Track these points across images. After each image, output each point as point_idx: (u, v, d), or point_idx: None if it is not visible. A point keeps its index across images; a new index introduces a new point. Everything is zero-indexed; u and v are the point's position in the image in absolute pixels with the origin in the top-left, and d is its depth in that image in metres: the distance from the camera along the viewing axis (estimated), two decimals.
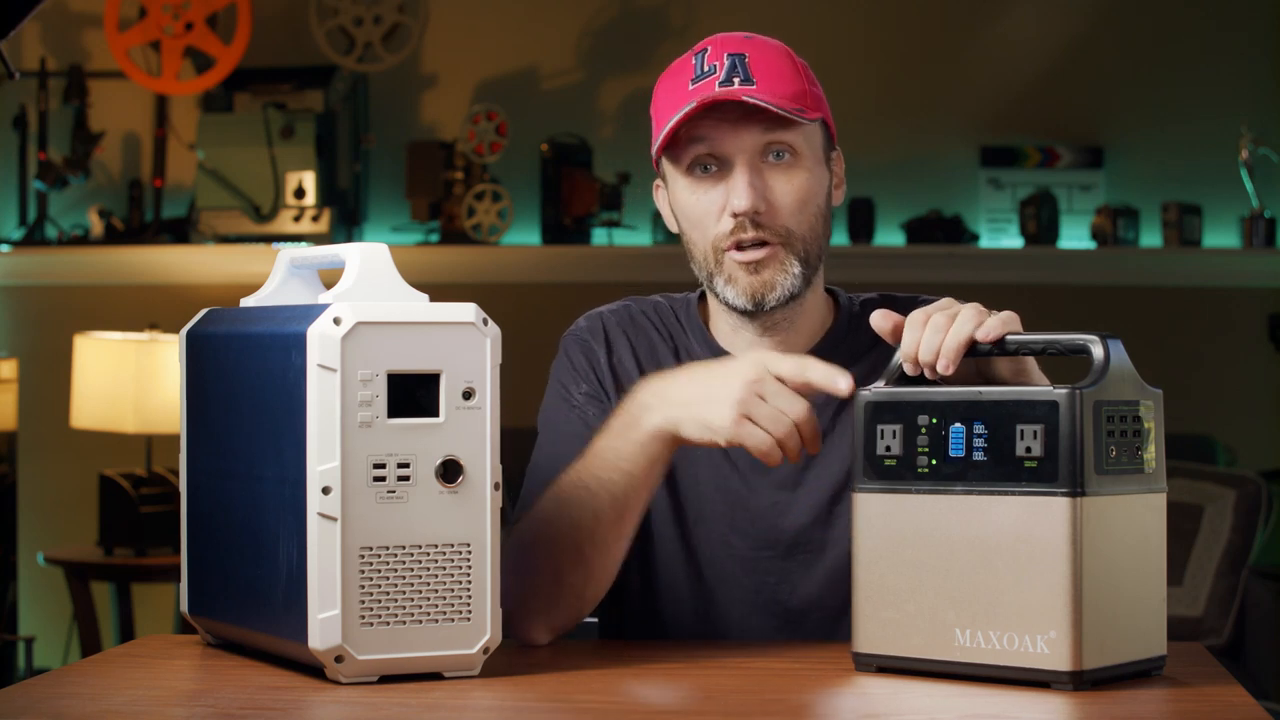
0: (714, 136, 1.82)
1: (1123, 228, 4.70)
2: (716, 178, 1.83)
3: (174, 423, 4.16)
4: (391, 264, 1.57)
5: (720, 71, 1.81)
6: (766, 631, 1.87)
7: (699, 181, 1.84)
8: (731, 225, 1.82)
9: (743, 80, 1.80)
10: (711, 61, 1.82)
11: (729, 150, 1.82)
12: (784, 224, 1.83)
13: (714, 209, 1.84)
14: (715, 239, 1.84)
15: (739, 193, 1.81)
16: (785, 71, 1.83)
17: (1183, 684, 1.54)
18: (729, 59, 1.82)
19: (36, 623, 4.88)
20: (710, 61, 1.82)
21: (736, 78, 1.80)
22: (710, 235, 1.84)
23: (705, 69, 1.82)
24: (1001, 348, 1.59)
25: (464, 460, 1.53)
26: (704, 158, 1.83)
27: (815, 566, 1.86)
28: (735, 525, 1.87)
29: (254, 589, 1.59)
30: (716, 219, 1.84)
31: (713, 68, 1.82)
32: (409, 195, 4.82)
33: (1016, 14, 4.89)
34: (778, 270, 1.83)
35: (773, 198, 1.82)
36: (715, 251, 1.85)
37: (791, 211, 1.83)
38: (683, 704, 1.52)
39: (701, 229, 1.85)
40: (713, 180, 1.83)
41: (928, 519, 1.54)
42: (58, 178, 4.79)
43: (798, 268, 1.84)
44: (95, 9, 4.92)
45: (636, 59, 4.96)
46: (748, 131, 1.81)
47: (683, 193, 1.86)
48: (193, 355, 1.72)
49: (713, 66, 1.82)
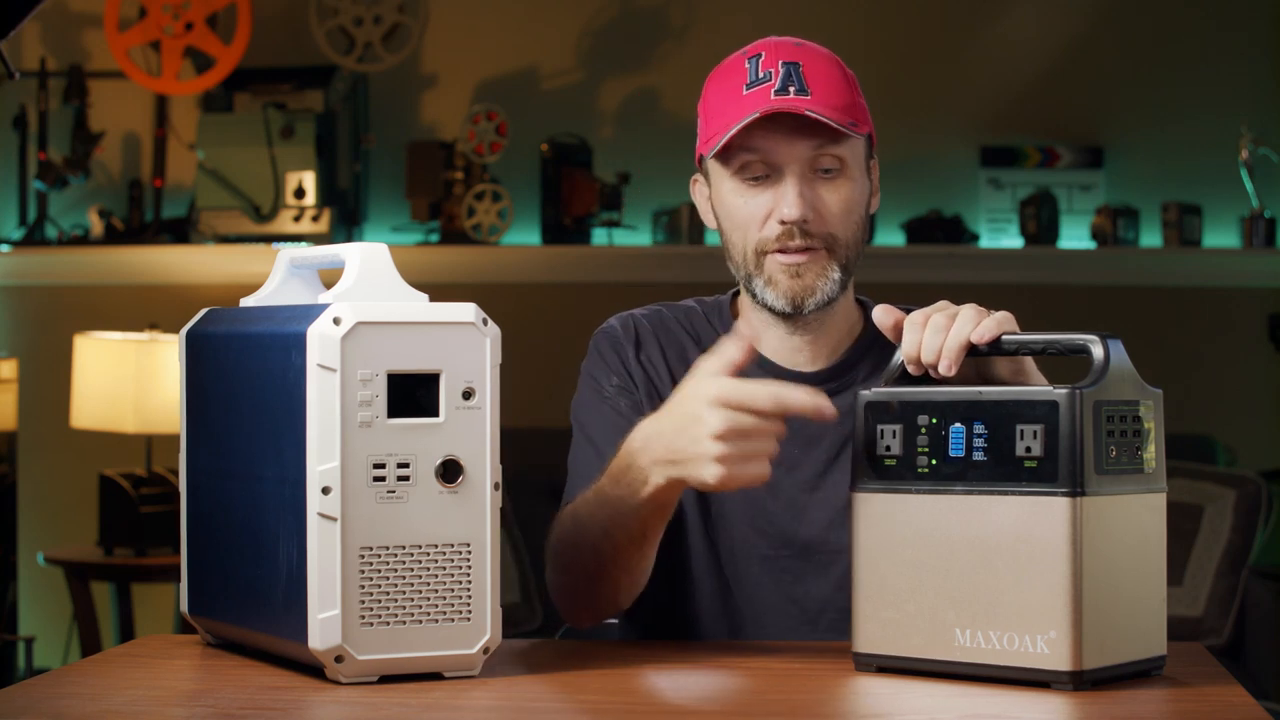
0: (768, 145, 1.84)
1: (1123, 228, 4.70)
2: (765, 184, 1.86)
3: (174, 423, 4.16)
4: (391, 264, 1.57)
5: (775, 79, 1.82)
6: (783, 629, 1.89)
7: (748, 186, 1.86)
8: (778, 231, 1.85)
9: (798, 90, 1.82)
10: (766, 68, 1.84)
11: (781, 160, 1.84)
12: (830, 231, 1.86)
13: (760, 214, 1.86)
14: (759, 242, 1.87)
15: (790, 202, 1.83)
16: (837, 82, 1.85)
17: (1183, 684, 1.54)
18: (784, 67, 1.83)
19: (36, 623, 4.88)
20: (765, 68, 1.84)
21: (792, 87, 1.82)
22: (754, 239, 1.87)
23: (760, 75, 1.84)
24: (998, 348, 1.59)
25: (464, 460, 1.53)
26: (754, 163, 1.85)
27: (832, 567, 1.88)
28: (755, 524, 1.90)
29: (254, 589, 1.59)
30: (761, 224, 1.86)
31: (768, 74, 1.83)
32: (409, 195, 4.82)
33: (1016, 14, 4.89)
34: (819, 275, 1.86)
35: (820, 207, 1.85)
36: (757, 254, 1.87)
37: (838, 220, 1.86)
38: (683, 704, 1.52)
39: (744, 231, 1.88)
40: (761, 186, 1.86)
41: (928, 519, 1.54)
42: (58, 178, 4.79)
43: (838, 274, 1.87)
44: (95, 9, 4.91)
45: (636, 59, 4.96)
46: (802, 142, 1.83)
47: (729, 195, 1.88)
48: (193, 355, 1.72)
49: (768, 73, 1.83)
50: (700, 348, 1.95)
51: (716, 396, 1.54)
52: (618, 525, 1.71)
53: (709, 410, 1.54)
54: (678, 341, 1.97)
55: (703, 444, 1.54)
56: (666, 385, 1.92)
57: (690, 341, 1.96)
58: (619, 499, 1.68)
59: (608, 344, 1.97)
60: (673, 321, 1.98)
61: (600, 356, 1.97)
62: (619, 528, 1.71)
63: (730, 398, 1.53)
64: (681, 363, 1.94)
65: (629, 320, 1.99)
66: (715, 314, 1.99)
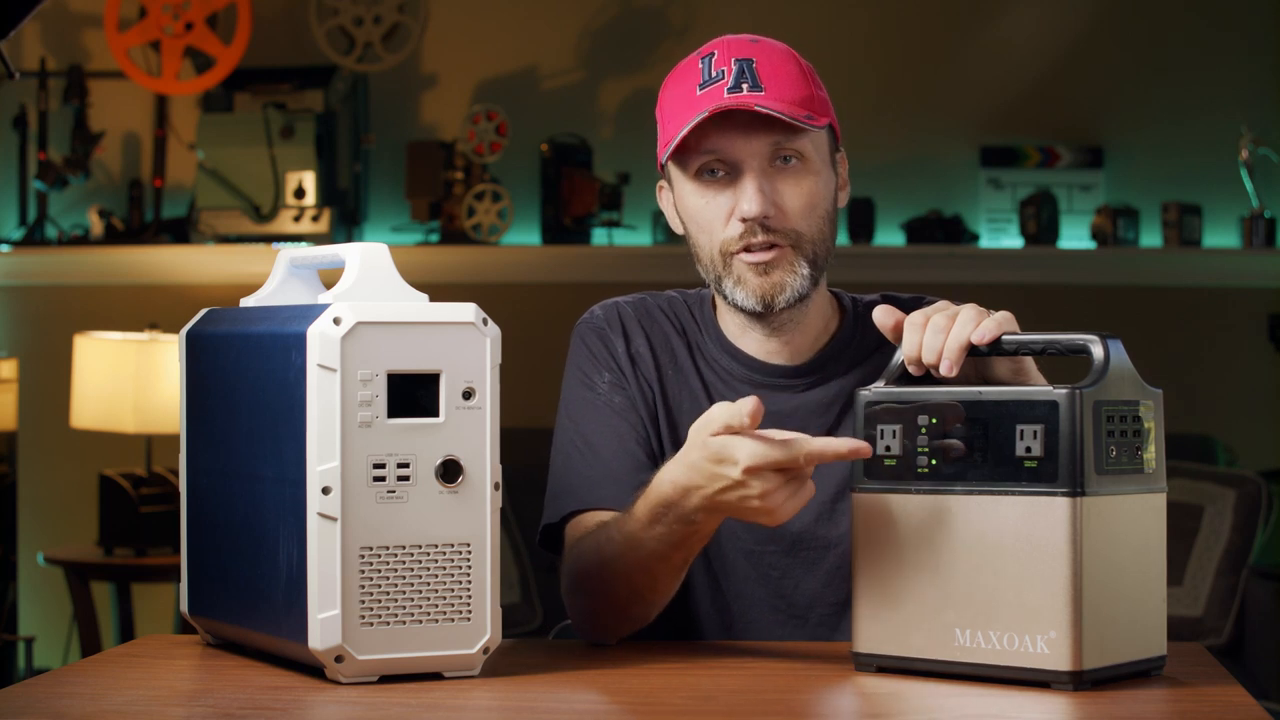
0: (723, 144, 1.82)
1: (1123, 228, 4.70)
2: (724, 183, 1.84)
3: (174, 423, 4.16)
4: (391, 264, 1.57)
5: (728, 77, 1.80)
6: (771, 625, 1.88)
7: (707, 186, 1.84)
8: (741, 230, 1.83)
9: (751, 86, 1.80)
10: (719, 66, 1.82)
11: (738, 157, 1.82)
12: (793, 227, 1.83)
13: (722, 213, 1.84)
14: (724, 243, 1.84)
15: (749, 198, 1.81)
16: (793, 76, 1.83)
17: (1183, 684, 1.54)
18: (736, 64, 1.81)
19: (36, 623, 4.88)
20: (718, 66, 1.82)
21: (745, 84, 1.80)
22: (718, 239, 1.85)
23: (713, 74, 1.82)
24: (998, 348, 1.59)
25: (464, 460, 1.53)
26: (712, 163, 1.83)
27: (819, 563, 1.88)
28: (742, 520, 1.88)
29: (254, 589, 1.59)
30: (724, 223, 1.84)
31: (720, 73, 1.81)
32: (409, 195, 4.82)
33: (1016, 14, 4.89)
34: (787, 271, 1.84)
35: (781, 202, 1.82)
36: (723, 255, 1.85)
37: (800, 215, 1.83)
38: (682, 704, 1.52)
39: (709, 233, 1.85)
40: (720, 185, 1.84)
41: (928, 519, 1.54)
42: (58, 178, 4.79)
43: (806, 269, 1.84)
44: (95, 9, 4.92)
45: (636, 59, 4.96)
46: (757, 138, 1.81)
47: (690, 197, 1.86)
48: (193, 355, 1.72)
49: (720, 72, 1.81)
50: (683, 338, 1.94)
51: (750, 464, 1.52)
52: (657, 559, 1.69)
53: (746, 476, 1.53)
54: (662, 330, 1.95)
55: (751, 503, 1.55)
56: (655, 376, 1.92)
57: (674, 331, 1.95)
58: (658, 538, 1.66)
59: (595, 337, 1.94)
60: (656, 310, 1.96)
61: (588, 350, 1.94)
62: (658, 560, 1.69)
63: (764, 463, 1.52)
64: (666, 351, 1.93)
65: (613, 310, 1.96)
66: (698, 308, 1.97)
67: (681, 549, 1.68)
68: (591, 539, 1.78)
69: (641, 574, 1.72)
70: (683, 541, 1.66)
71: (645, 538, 1.67)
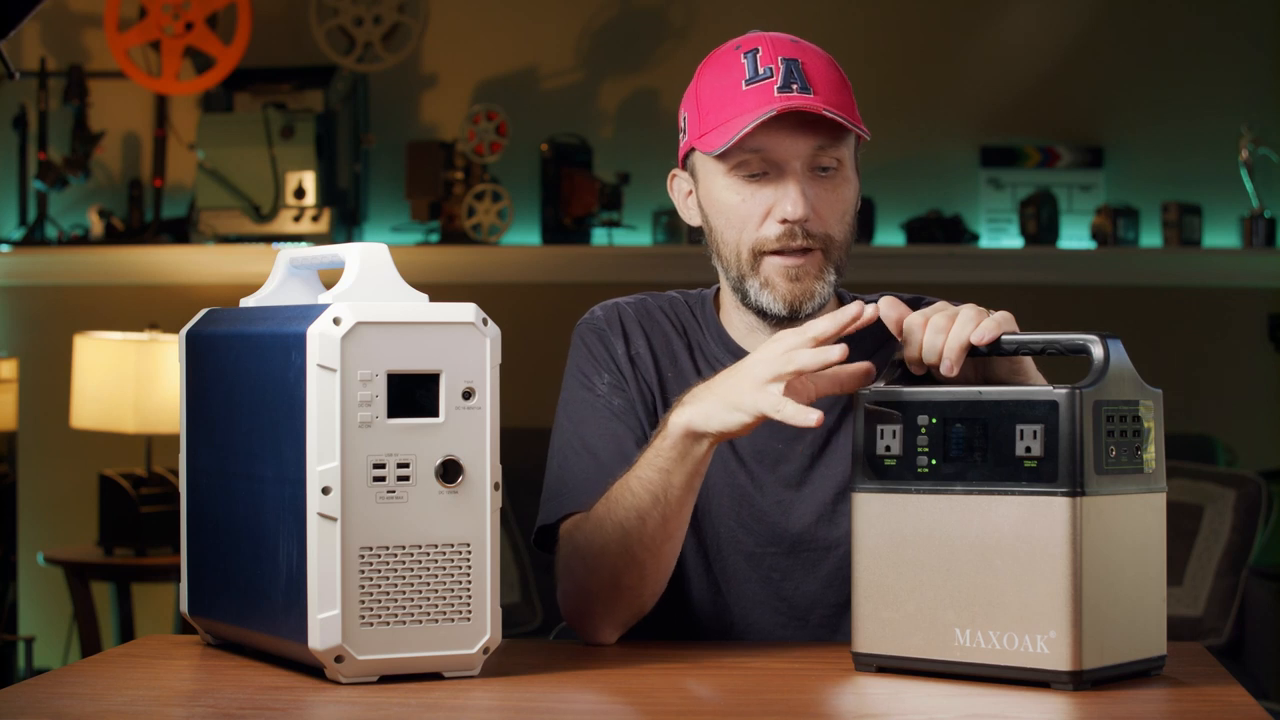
0: (770, 143, 1.80)
1: (1123, 228, 4.70)
2: (764, 181, 1.83)
3: (174, 423, 4.16)
4: (391, 264, 1.57)
5: (777, 75, 1.80)
6: (771, 626, 1.88)
7: (745, 183, 1.83)
8: (779, 231, 1.82)
9: (800, 88, 1.79)
10: (766, 64, 1.81)
11: (783, 157, 1.81)
12: (828, 232, 1.84)
13: (759, 212, 1.83)
14: (757, 242, 1.84)
15: (793, 201, 1.80)
16: (836, 81, 1.83)
17: (1183, 684, 1.54)
18: (784, 64, 1.81)
19: (36, 623, 4.87)
20: (764, 64, 1.81)
21: (794, 84, 1.79)
22: (750, 237, 1.84)
23: (760, 71, 1.81)
24: (998, 348, 1.59)
25: (464, 460, 1.53)
26: (753, 160, 1.82)
27: (820, 564, 1.87)
28: (741, 521, 1.88)
29: (254, 589, 1.59)
30: (760, 222, 1.83)
31: (768, 70, 1.80)
32: (409, 195, 4.82)
33: (1016, 14, 4.89)
34: (816, 279, 1.84)
35: (819, 206, 1.83)
36: (754, 254, 1.84)
37: (834, 221, 1.84)
38: (683, 704, 1.52)
39: (739, 230, 1.85)
40: (759, 183, 1.83)
41: (928, 519, 1.54)
42: (58, 178, 4.79)
43: (832, 276, 1.86)
44: (95, 9, 4.92)
45: (636, 59, 4.96)
46: (803, 140, 1.80)
47: (724, 192, 1.85)
48: (193, 355, 1.72)
49: (768, 69, 1.80)
50: (684, 338, 1.94)
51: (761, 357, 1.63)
52: (644, 487, 1.71)
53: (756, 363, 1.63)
54: (662, 331, 1.94)
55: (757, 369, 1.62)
56: (655, 377, 1.91)
57: (674, 331, 1.94)
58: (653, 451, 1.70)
59: (595, 338, 1.94)
60: (657, 310, 1.96)
61: (588, 351, 1.94)
62: (645, 489, 1.71)
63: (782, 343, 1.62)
64: (666, 353, 1.93)
65: (613, 311, 1.96)
66: (699, 307, 1.97)
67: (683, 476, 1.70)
68: (578, 519, 1.80)
69: (639, 526, 1.72)
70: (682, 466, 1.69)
71: (644, 474, 1.71)
